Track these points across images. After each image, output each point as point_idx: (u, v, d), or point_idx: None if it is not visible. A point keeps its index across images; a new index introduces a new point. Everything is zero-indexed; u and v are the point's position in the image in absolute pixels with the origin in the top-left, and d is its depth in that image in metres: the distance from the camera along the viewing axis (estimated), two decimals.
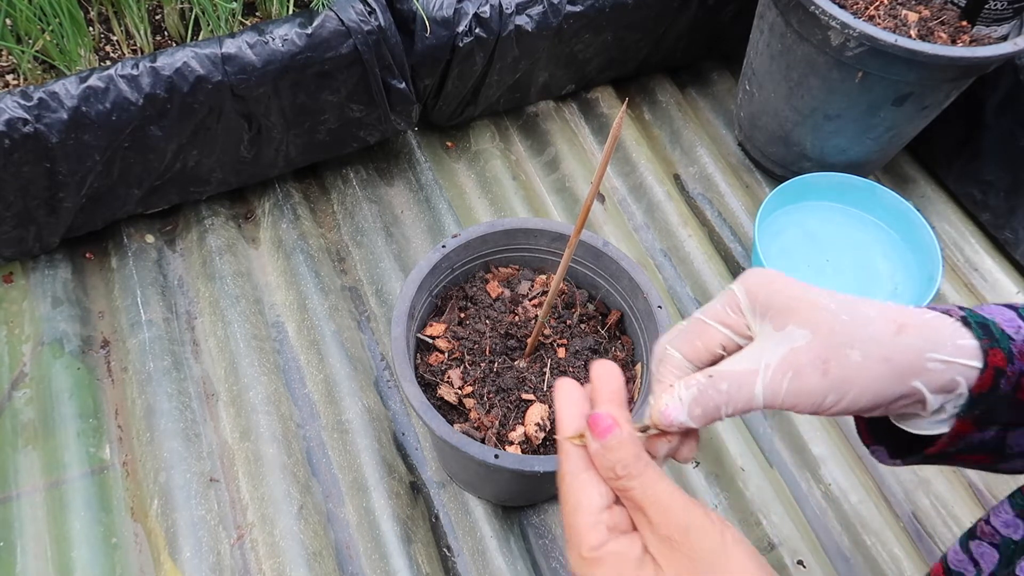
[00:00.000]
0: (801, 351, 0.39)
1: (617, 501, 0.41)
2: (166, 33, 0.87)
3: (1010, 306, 0.44)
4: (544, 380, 0.69)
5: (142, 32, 0.83)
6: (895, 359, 0.39)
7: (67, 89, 0.74)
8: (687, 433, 0.43)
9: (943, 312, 0.42)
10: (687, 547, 0.38)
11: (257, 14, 0.88)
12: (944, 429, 0.42)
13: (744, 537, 0.40)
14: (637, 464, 0.40)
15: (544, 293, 0.75)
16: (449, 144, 1.07)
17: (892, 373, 0.39)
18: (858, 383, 0.39)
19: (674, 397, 0.41)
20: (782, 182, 0.98)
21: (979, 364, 0.40)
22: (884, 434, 0.47)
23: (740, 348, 0.42)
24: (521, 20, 0.93)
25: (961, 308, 0.43)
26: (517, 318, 0.73)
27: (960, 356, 0.40)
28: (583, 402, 0.44)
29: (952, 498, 0.83)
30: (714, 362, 0.43)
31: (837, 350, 0.39)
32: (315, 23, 0.81)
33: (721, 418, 0.41)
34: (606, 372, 0.44)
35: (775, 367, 0.39)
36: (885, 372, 0.39)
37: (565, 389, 0.44)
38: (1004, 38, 0.91)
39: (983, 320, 0.41)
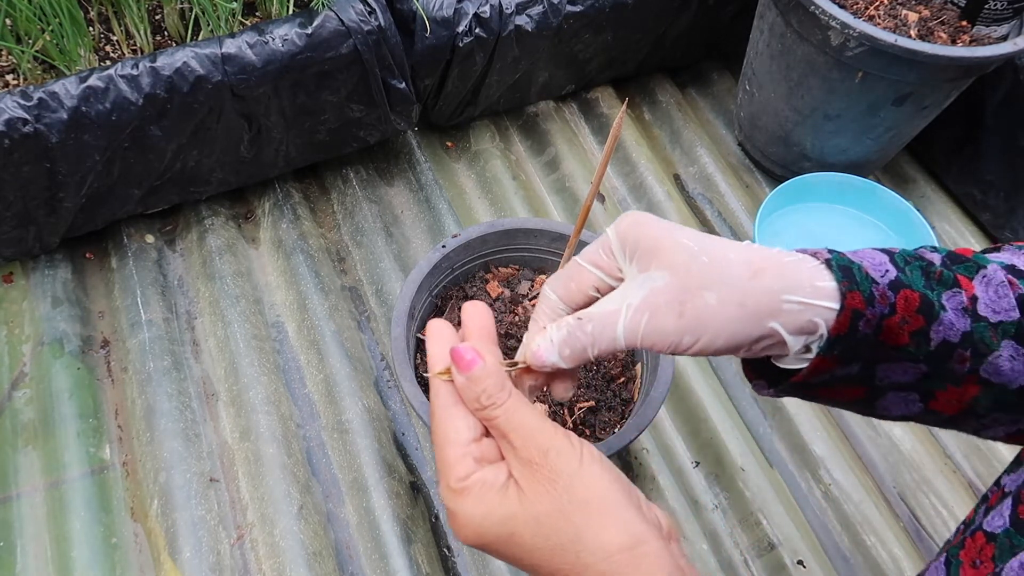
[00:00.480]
0: (659, 292, 0.40)
1: (487, 434, 0.43)
2: (166, 33, 0.87)
3: (885, 250, 0.44)
4: None
5: (142, 32, 0.83)
6: (750, 302, 0.40)
7: (67, 89, 0.74)
8: (560, 373, 0.45)
9: (811, 255, 0.42)
10: (547, 468, 0.39)
11: (257, 14, 0.88)
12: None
13: (602, 455, 0.41)
14: (500, 393, 0.41)
15: None
16: (449, 144, 1.07)
17: (747, 315, 0.40)
18: (713, 325, 0.40)
19: (546, 338, 0.43)
20: (782, 182, 0.98)
21: (836, 305, 0.40)
22: (762, 367, 0.47)
23: (612, 288, 0.43)
24: (521, 20, 0.93)
25: (830, 251, 0.43)
26: (517, 318, 0.73)
27: (817, 298, 0.40)
28: (453, 339, 0.45)
29: (952, 498, 0.83)
30: (590, 303, 0.44)
31: (693, 292, 0.40)
32: (315, 23, 0.81)
33: (590, 358, 0.43)
34: (475, 311, 0.46)
35: (635, 308, 0.40)
36: (740, 314, 0.40)
37: (435, 328, 0.46)
38: (1004, 38, 0.91)
39: (847, 263, 0.41)
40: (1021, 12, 0.90)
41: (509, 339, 0.72)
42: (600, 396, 0.70)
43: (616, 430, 0.68)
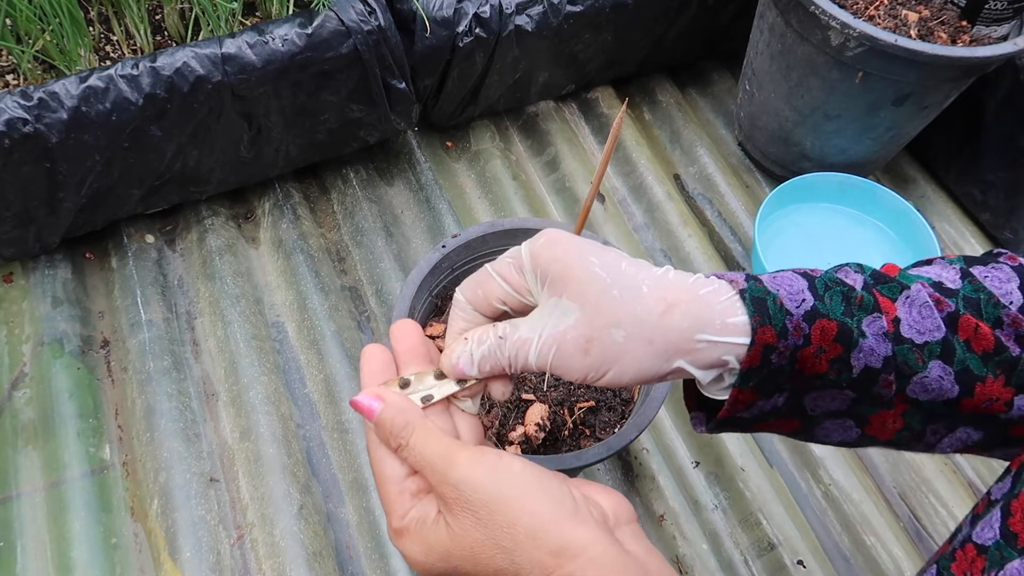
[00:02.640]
0: (568, 328, 0.40)
1: None
2: (166, 33, 0.87)
3: (806, 275, 0.44)
4: (544, 380, 0.69)
5: (142, 32, 0.83)
6: (658, 341, 0.40)
7: (67, 89, 0.74)
8: (495, 376, 0.45)
9: (729, 281, 0.42)
10: (463, 501, 0.39)
11: (257, 14, 0.88)
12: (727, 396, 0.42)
13: (523, 464, 0.40)
14: (404, 432, 0.42)
15: None
16: (449, 144, 1.07)
17: (655, 352, 0.40)
18: (619, 363, 0.40)
19: (466, 351, 0.43)
20: (782, 182, 0.98)
21: (746, 340, 0.40)
22: (700, 397, 0.47)
23: (522, 303, 0.43)
24: (521, 20, 0.93)
25: (747, 277, 0.42)
26: None
27: (727, 335, 0.40)
28: (383, 370, 0.46)
29: (952, 498, 0.84)
30: (496, 313, 0.44)
31: (601, 330, 0.40)
32: (315, 23, 0.81)
33: (509, 375, 0.44)
34: (400, 332, 0.47)
35: (544, 340, 0.41)
36: (648, 352, 0.40)
37: (365, 358, 0.46)
38: (1004, 38, 0.91)
39: (762, 295, 0.41)
40: (1021, 12, 0.90)
41: None
42: (600, 396, 0.70)
43: (616, 430, 0.68)
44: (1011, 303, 0.44)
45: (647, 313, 0.40)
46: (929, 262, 0.49)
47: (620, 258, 0.42)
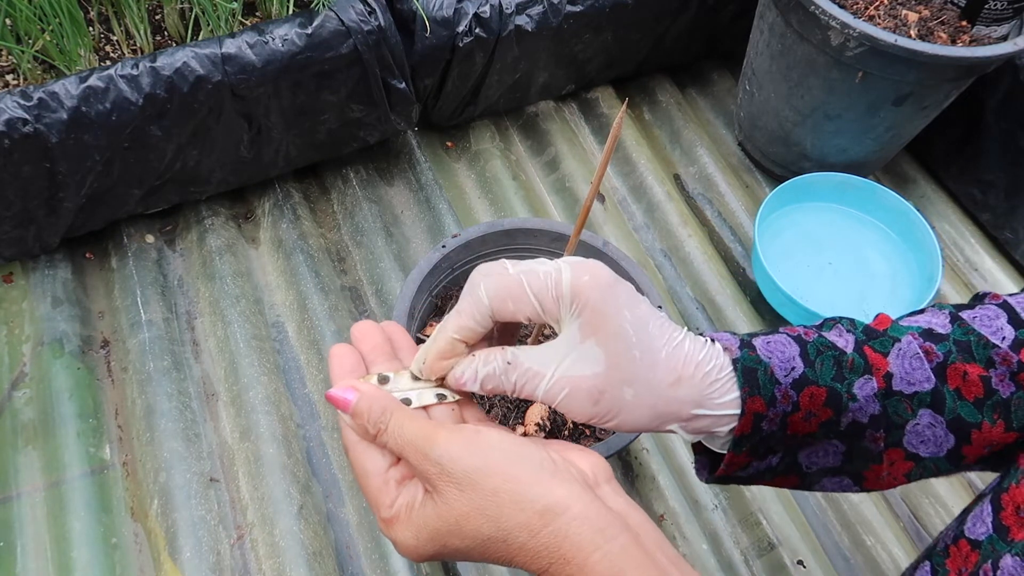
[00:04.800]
0: (584, 378, 0.42)
1: None
2: (166, 33, 0.87)
3: (799, 338, 0.46)
4: None
5: (142, 32, 0.83)
6: (660, 406, 0.43)
7: (67, 89, 0.74)
8: None
9: (725, 348, 0.44)
10: (446, 475, 0.40)
11: (257, 14, 0.88)
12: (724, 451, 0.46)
13: (501, 434, 0.41)
14: (383, 418, 0.43)
15: None
16: (449, 144, 1.07)
17: (655, 415, 0.43)
18: (621, 415, 0.43)
19: (471, 368, 0.44)
20: (782, 182, 0.98)
21: (737, 412, 0.43)
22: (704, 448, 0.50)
23: (542, 320, 0.43)
24: (521, 20, 0.93)
25: (743, 344, 0.45)
26: None
27: (720, 410, 0.43)
28: (354, 369, 0.46)
29: (952, 498, 0.84)
30: (511, 321, 0.44)
31: (614, 386, 0.42)
32: (315, 23, 0.81)
33: (510, 396, 0.45)
34: (362, 332, 0.48)
35: (556, 380, 0.42)
36: (649, 413, 0.43)
37: (333, 358, 0.47)
38: (1004, 38, 0.91)
39: (753, 364, 0.44)
40: (1021, 12, 0.90)
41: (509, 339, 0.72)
42: None
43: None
44: (1002, 339, 0.46)
45: (658, 382, 0.42)
46: (921, 311, 0.51)
47: (649, 316, 0.43)
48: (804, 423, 0.45)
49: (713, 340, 0.45)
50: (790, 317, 0.93)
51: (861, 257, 0.98)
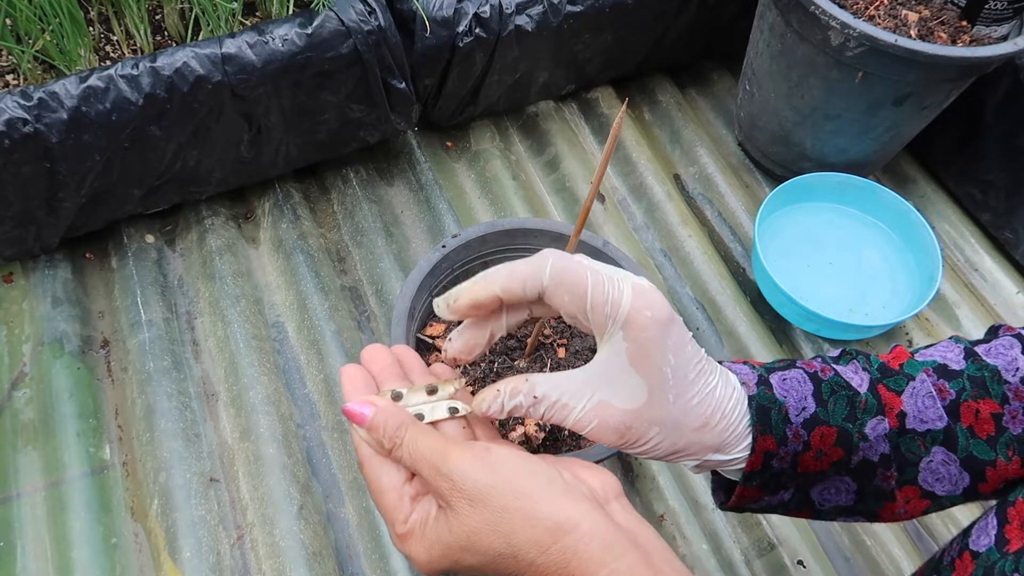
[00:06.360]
0: (614, 413, 0.42)
1: None
2: (166, 33, 0.87)
3: (815, 375, 0.47)
4: None
5: (142, 32, 0.83)
6: (681, 446, 0.44)
7: (67, 89, 0.74)
8: None
9: (743, 383, 0.46)
10: (458, 491, 0.41)
11: (257, 14, 0.88)
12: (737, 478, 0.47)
13: (511, 451, 0.42)
14: (398, 432, 0.43)
15: None
16: (449, 144, 1.07)
17: (671, 452, 0.44)
18: (643, 448, 0.44)
19: (498, 402, 0.44)
20: (782, 182, 0.98)
21: (748, 452, 0.45)
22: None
23: (582, 325, 0.43)
24: (521, 20, 0.93)
25: (760, 380, 0.46)
26: None
27: (733, 454, 0.45)
28: (366, 388, 0.47)
29: None
30: (550, 308, 0.44)
31: (643, 423, 0.43)
32: (315, 23, 0.81)
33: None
34: (371, 355, 0.49)
35: (587, 413, 0.43)
36: (667, 450, 0.44)
37: (345, 378, 0.48)
38: (1004, 38, 0.91)
39: (767, 404, 0.45)
40: (1021, 12, 0.90)
41: (508, 339, 0.72)
42: None
43: None
44: (1016, 371, 0.47)
45: (685, 427, 0.43)
46: (936, 344, 0.52)
47: (691, 359, 0.43)
48: (815, 462, 0.46)
49: (731, 371, 0.47)
50: (790, 317, 0.93)
51: (861, 257, 0.98)
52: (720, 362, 0.47)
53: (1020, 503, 0.42)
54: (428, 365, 0.70)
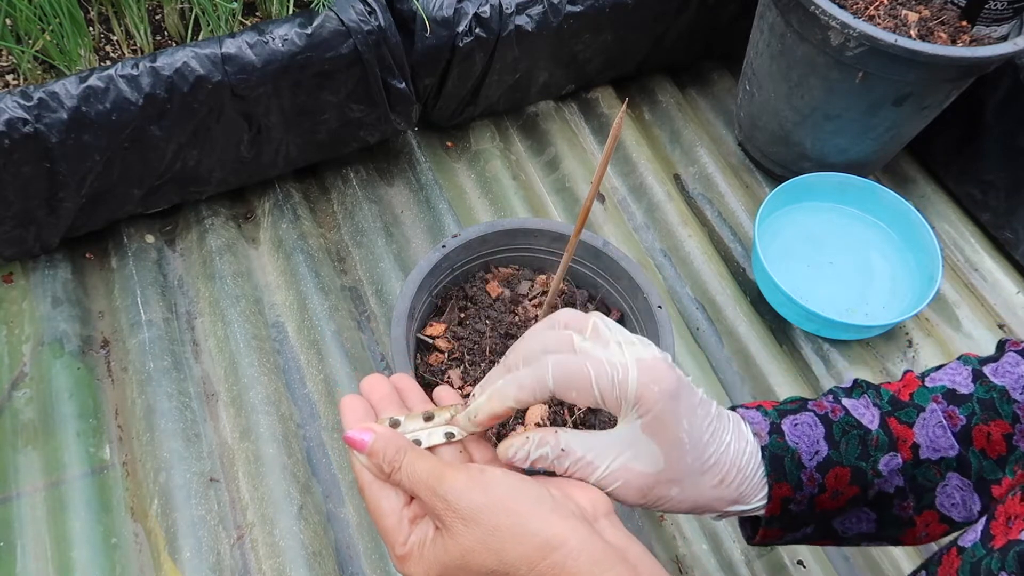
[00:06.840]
0: (638, 475, 0.45)
1: None
2: (166, 33, 0.87)
3: (826, 417, 0.49)
4: None
5: (142, 32, 0.83)
6: (702, 503, 0.46)
7: (67, 89, 0.74)
8: None
9: (755, 434, 0.48)
10: (452, 511, 0.42)
11: (257, 14, 0.88)
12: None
13: (504, 473, 0.43)
14: (396, 457, 0.45)
15: (544, 293, 0.75)
16: (449, 144, 1.07)
17: (693, 508, 0.47)
18: (664, 506, 0.46)
19: (524, 451, 0.46)
20: (782, 182, 0.98)
21: (765, 500, 0.47)
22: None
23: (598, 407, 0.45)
24: (521, 20, 0.93)
25: (772, 428, 0.48)
26: (517, 318, 0.73)
27: (751, 505, 0.47)
28: (366, 416, 0.49)
29: None
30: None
31: (663, 484, 0.45)
32: (315, 23, 0.81)
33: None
34: (370, 385, 0.52)
35: (611, 473, 0.45)
36: (688, 507, 0.47)
37: (345, 407, 0.50)
38: (1004, 38, 0.91)
39: (780, 452, 0.48)
40: (1021, 12, 0.90)
41: (509, 339, 0.72)
42: None
43: None
44: None
45: (704, 485, 0.46)
46: (944, 366, 0.53)
47: (703, 421, 0.46)
48: (832, 500, 0.48)
49: (744, 419, 0.49)
50: (790, 317, 0.93)
51: (861, 257, 0.98)
52: (733, 408, 0.50)
53: (1009, 501, 0.43)
54: (428, 365, 0.70)
